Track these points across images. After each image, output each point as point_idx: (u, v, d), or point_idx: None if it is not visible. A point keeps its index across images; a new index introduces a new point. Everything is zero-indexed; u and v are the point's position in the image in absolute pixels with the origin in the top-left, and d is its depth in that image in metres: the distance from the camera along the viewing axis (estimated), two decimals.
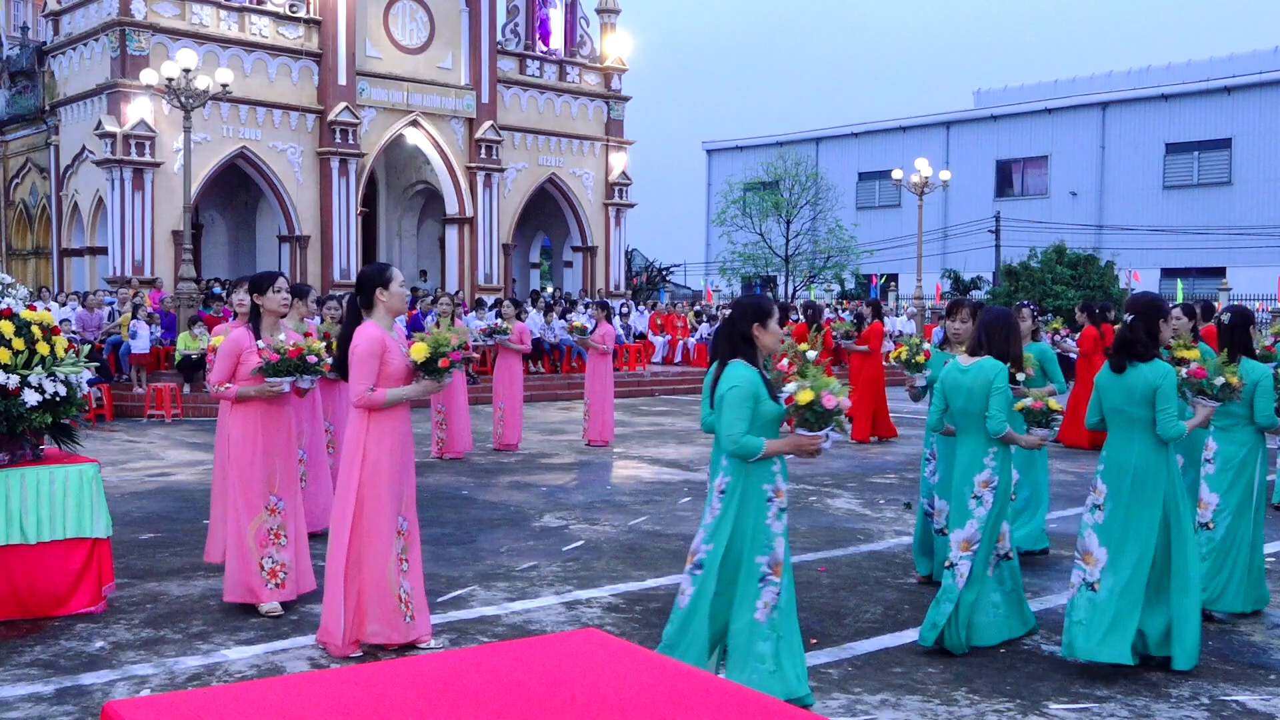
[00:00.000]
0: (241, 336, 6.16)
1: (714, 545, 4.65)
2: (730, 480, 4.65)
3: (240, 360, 6.12)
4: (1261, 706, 4.84)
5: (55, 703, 4.76)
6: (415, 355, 5.24)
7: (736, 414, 4.52)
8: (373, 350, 5.22)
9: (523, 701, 2.42)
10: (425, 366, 5.26)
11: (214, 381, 6.19)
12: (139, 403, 17.02)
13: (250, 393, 6.10)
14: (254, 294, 6.29)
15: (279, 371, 6.02)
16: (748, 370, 4.64)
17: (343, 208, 25.11)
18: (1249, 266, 38.76)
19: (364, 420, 5.29)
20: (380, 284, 5.36)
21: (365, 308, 5.42)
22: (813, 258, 43.29)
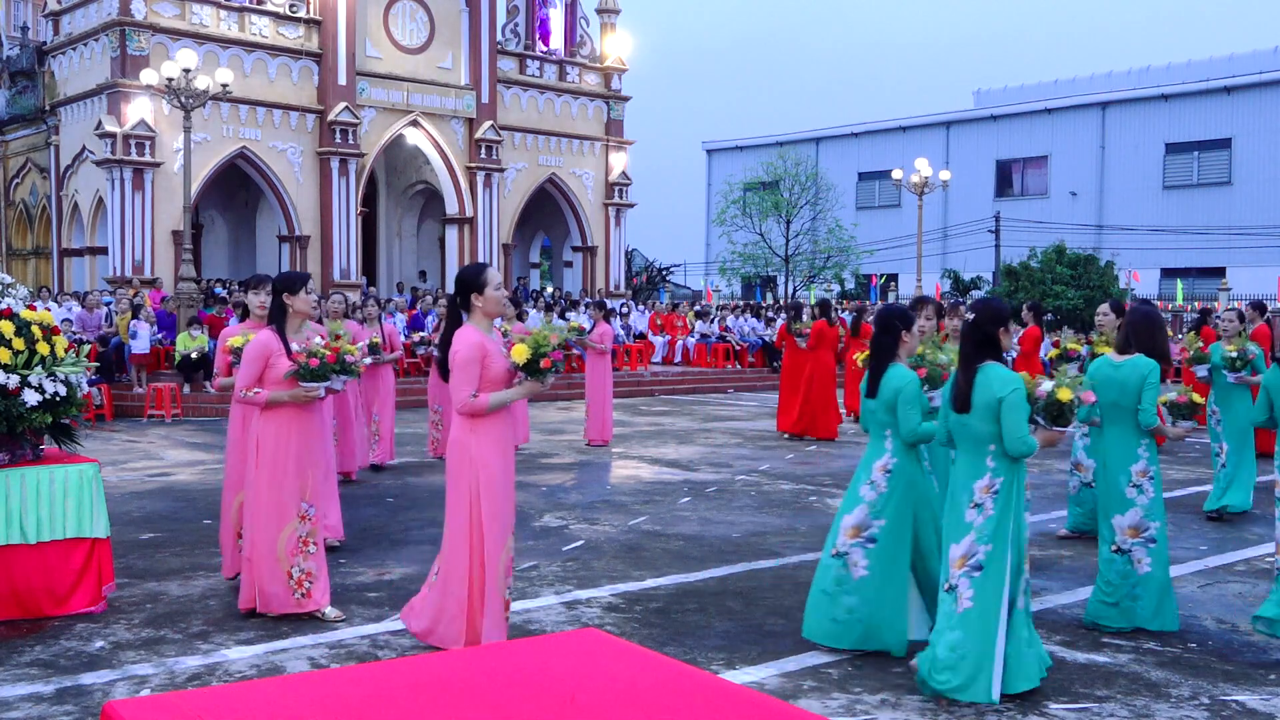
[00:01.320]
0: (269, 339, 5.92)
1: (994, 545, 4.87)
2: (1003, 480, 4.89)
3: (269, 364, 5.88)
4: (1261, 706, 4.84)
5: (55, 703, 4.76)
6: (516, 357, 5.14)
7: (1020, 417, 4.83)
8: (473, 355, 5.12)
9: (523, 701, 2.42)
10: (528, 368, 5.17)
11: (241, 386, 5.91)
12: (139, 403, 17.02)
13: (283, 398, 5.87)
14: (283, 294, 6.02)
15: (317, 376, 5.82)
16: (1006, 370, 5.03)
17: (343, 208, 25.11)
18: (1249, 266, 38.76)
19: (470, 426, 5.21)
20: (477, 288, 5.26)
21: (463, 310, 5.34)
22: (813, 258, 43.28)
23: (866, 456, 5.55)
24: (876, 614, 5.32)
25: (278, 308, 6.02)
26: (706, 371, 24.57)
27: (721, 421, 16.95)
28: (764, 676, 5.15)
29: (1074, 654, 5.53)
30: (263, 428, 5.93)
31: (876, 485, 5.39)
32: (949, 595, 4.92)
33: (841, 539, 5.42)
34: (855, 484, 5.52)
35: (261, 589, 5.88)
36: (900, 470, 5.39)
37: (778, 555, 7.71)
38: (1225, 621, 6.18)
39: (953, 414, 5.02)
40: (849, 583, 5.35)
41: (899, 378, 5.36)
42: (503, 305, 5.40)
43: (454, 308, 5.41)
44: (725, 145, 56.65)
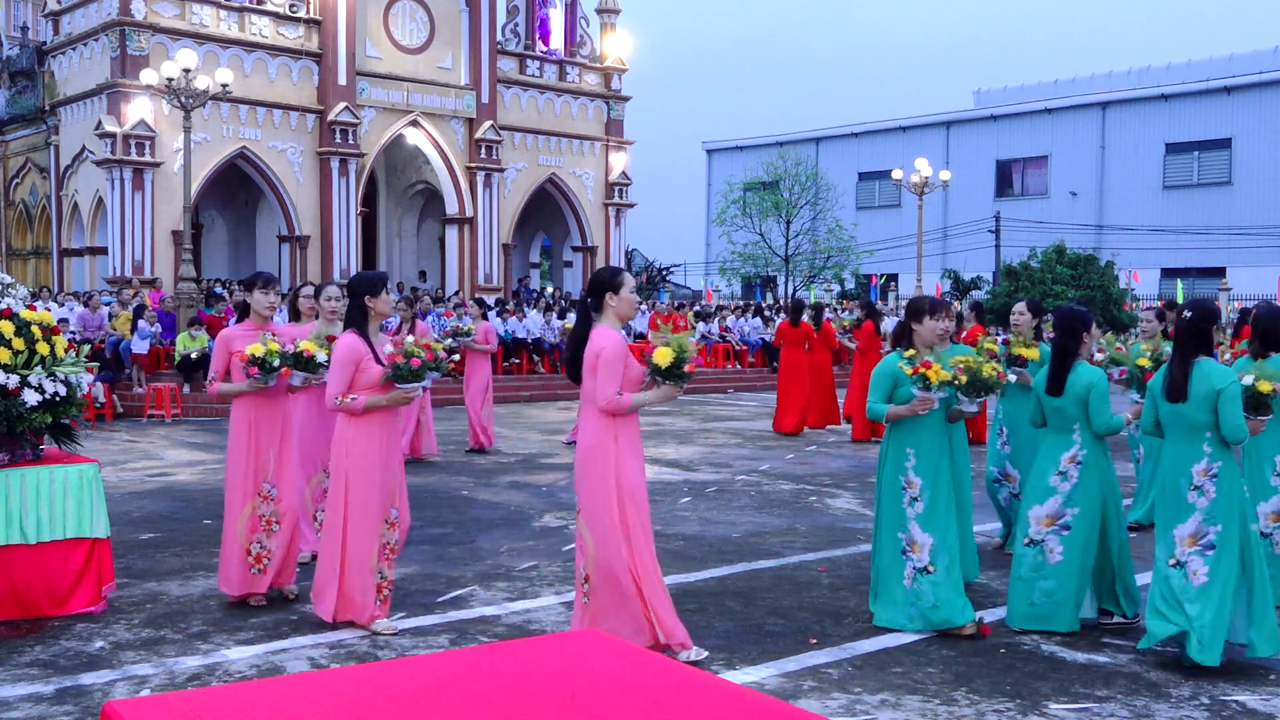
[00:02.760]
0: (357, 343, 5.66)
1: (1224, 525, 5.33)
2: (1221, 464, 5.36)
3: (360, 368, 5.64)
4: (1261, 706, 4.84)
5: (55, 703, 4.76)
6: (659, 360, 5.12)
7: (1238, 408, 5.31)
8: (620, 353, 5.14)
9: (523, 701, 2.42)
10: (669, 372, 5.15)
11: (335, 394, 5.61)
12: (139, 403, 17.02)
13: (381, 402, 5.66)
14: (365, 297, 5.78)
15: (416, 377, 5.62)
16: None
17: (343, 208, 25.12)
18: (1249, 266, 38.77)
19: (610, 426, 5.20)
20: (612, 288, 5.25)
21: (595, 310, 5.32)
22: (813, 258, 43.29)
23: (1048, 450, 5.91)
24: (1072, 596, 5.78)
25: (358, 310, 5.78)
26: (706, 371, 24.56)
27: (721, 421, 16.95)
28: (764, 676, 5.15)
29: (1074, 654, 5.52)
30: (353, 436, 5.67)
31: (1068, 476, 5.81)
32: (1178, 571, 5.34)
33: (1035, 528, 5.85)
34: (1042, 476, 5.88)
35: (351, 599, 5.69)
36: (1091, 461, 5.80)
37: (778, 555, 7.71)
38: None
39: (1165, 404, 5.45)
40: (1046, 568, 5.80)
41: (1088, 375, 5.78)
42: (635, 307, 5.43)
43: (585, 308, 5.39)
44: (725, 145, 56.67)
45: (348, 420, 5.71)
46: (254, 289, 6.44)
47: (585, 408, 5.33)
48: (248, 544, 6.07)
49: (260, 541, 6.12)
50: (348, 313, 5.87)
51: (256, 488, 6.15)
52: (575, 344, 5.34)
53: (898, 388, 5.86)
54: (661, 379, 5.18)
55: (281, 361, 6.05)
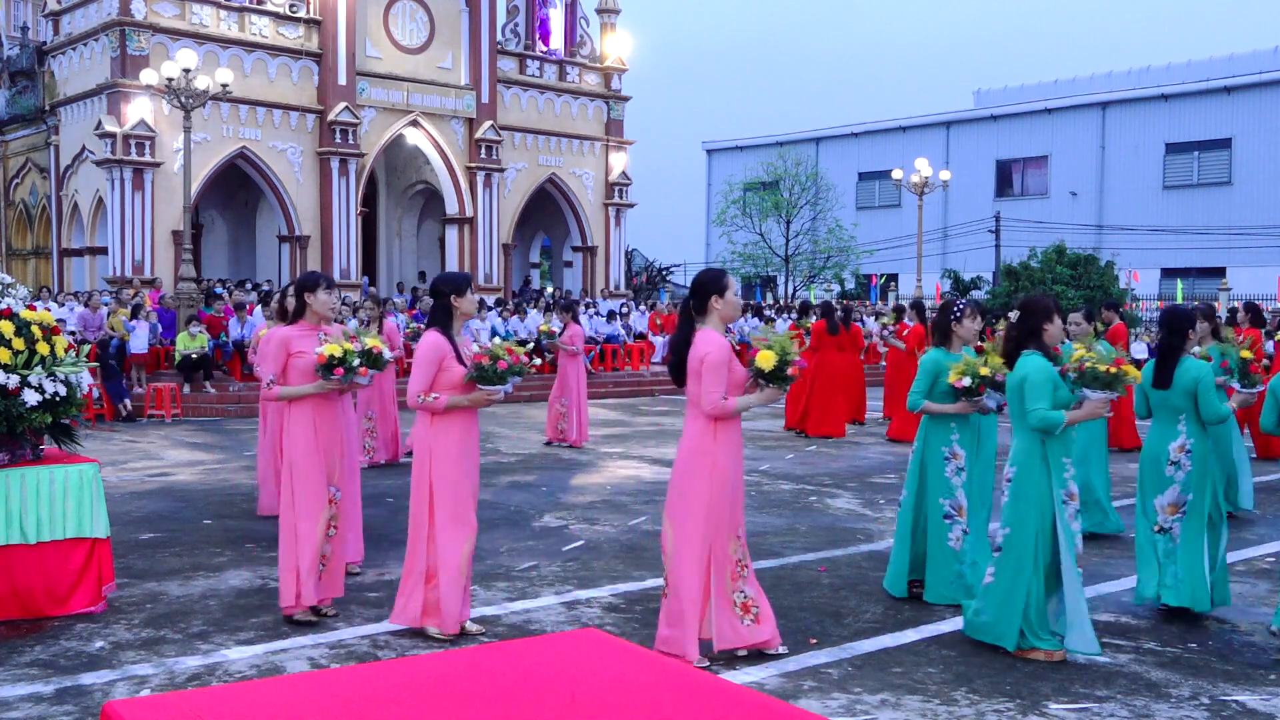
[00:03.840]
0: (441, 343, 5.59)
1: None
2: None
3: (443, 367, 5.56)
4: (1261, 706, 4.84)
5: (55, 703, 4.76)
6: (762, 363, 5.13)
7: None
8: (724, 357, 5.15)
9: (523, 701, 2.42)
10: (772, 375, 5.16)
11: (417, 392, 5.51)
12: (139, 403, 17.02)
13: (463, 402, 5.57)
14: (451, 296, 5.69)
15: (500, 379, 5.53)
16: None
17: (343, 208, 25.11)
18: (1249, 266, 38.76)
19: (711, 429, 5.20)
20: (716, 291, 5.26)
21: (698, 313, 5.32)
22: (813, 258, 43.29)
23: (1157, 441, 6.27)
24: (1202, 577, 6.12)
25: (443, 309, 5.70)
26: None
27: None
28: (764, 676, 5.15)
29: (1073, 654, 5.52)
30: (436, 438, 5.59)
31: (1181, 465, 6.22)
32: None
33: (1163, 517, 6.24)
34: (1158, 467, 6.25)
35: (438, 605, 5.59)
36: (1199, 449, 6.20)
37: (778, 555, 7.71)
38: (1225, 621, 6.18)
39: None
40: (1174, 553, 6.19)
41: (1195, 368, 6.16)
42: (739, 310, 5.41)
43: (687, 311, 5.38)
44: (725, 145, 56.64)
45: (429, 422, 5.60)
46: (317, 289, 6.12)
47: (689, 410, 5.34)
48: (464, 582, 5.69)
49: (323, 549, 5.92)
50: (432, 311, 5.80)
51: (328, 493, 5.97)
52: (679, 347, 5.35)
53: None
54: (765, 382, 5.20)
55: (361, 360, 5.90)
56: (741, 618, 5.29)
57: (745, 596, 5.31)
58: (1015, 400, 5.51)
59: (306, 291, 6.13)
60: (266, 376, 6.03)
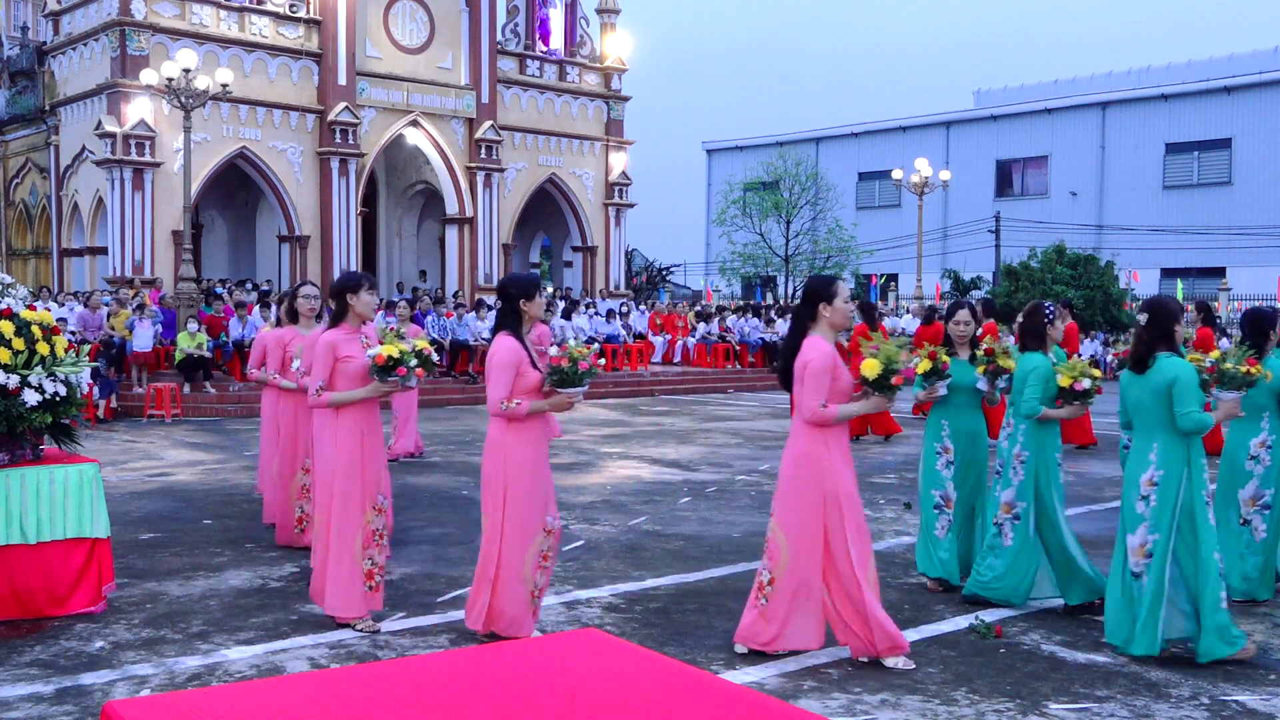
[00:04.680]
0: (516, 345, 5.41)
1: None
2: None
3: (520, 372, 5.38)
4: (1261, 706, 4.84)
5: (55, 703, 4.76)
6: (867, 371, 5.13)
7: None
8: (826, 365, 5.14)
9: (523, 701, 2.42)
10: (877, 383, 5.16)
11: (500, 398, 5.34)
12: (139, 403, 17.02)
13: (544, 407, 5.44)
14: (520, 300, 5.49)
15: (579, 380, 5.40)
16: None
17: (343, 208, 25.11)
18: (1249, 266, 38.77)
19: (820, 434, 5.20)
20: (825, 298, 5.25)
21: (809, 319, 5.30)
22: (813, 258, 43.30)
23: (1239, 438, 6.53)
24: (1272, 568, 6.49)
25: (512, 313, 5.51)
26: (706, 371, 24.56)
27: (721, 421, 16.95)
28: (764, 676, 5.15)
29: (1074, 654, 5.53)
30: (514, 444, 5.43)
31: (1261, 460, 6.49)
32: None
33: (1244, 509, 6.51)
34: (1238, 460, 6.52)
35: (501, 610, 5.47)
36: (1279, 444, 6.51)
37: None
38: None
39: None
40: (1255, 545, 6.48)
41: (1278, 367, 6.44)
42: (850, 317, 5.39)
43: (799, 317, 5.36)
44: (725, 145, 56.67)
45: (505, 427, 5.43)
46: (360, 290, 5.89)
47: (794, 416, 5.33)
48: (533, 586, 5.56)
49: (372, 558, 5.78)
50: (499, 315, 5.60)
51: (372, 500, 5.80)
52: (788, 353, 5.35)
53: None
54: (871, 389, 5.19)
55: (419, 362, 5.75)
56: None
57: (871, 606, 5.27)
58: (1159, 404, 5.40)
59: (349, 292, 5.91)
60: (316, 382, 5.78)
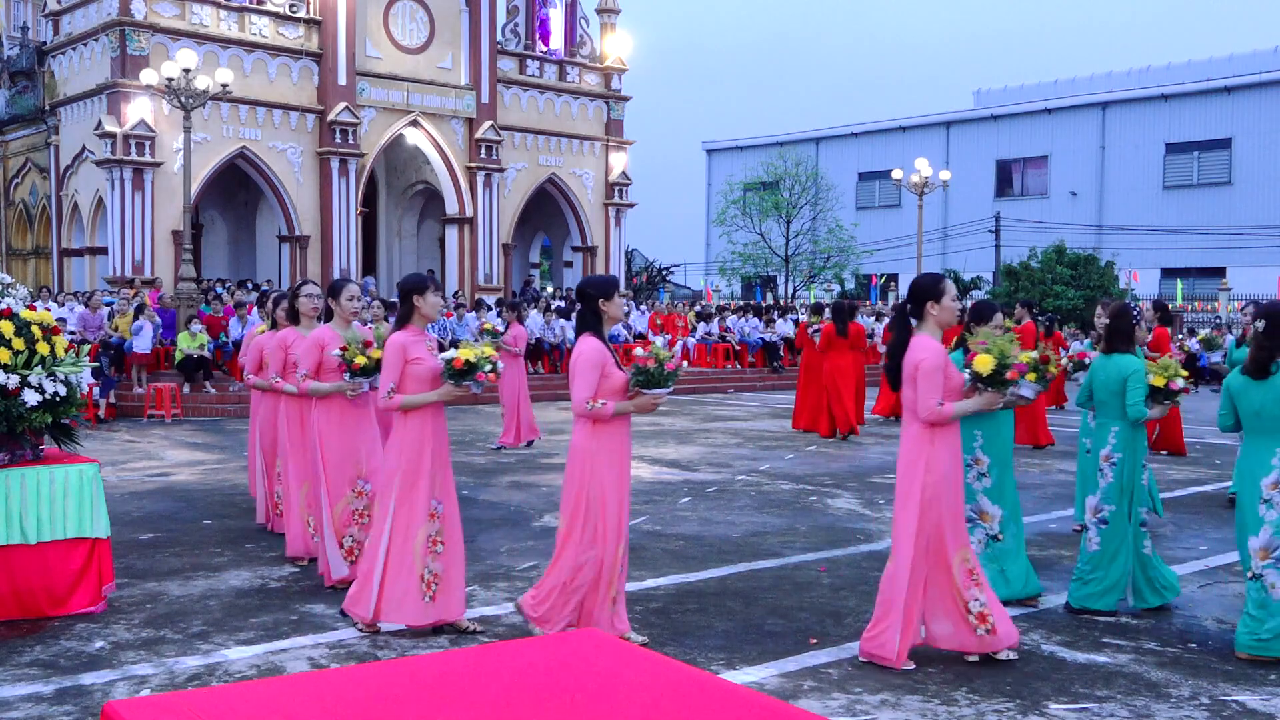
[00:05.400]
0: (599, 346, 5.38)
1: None
2: None
3: (605, 373, 5.37)
4: (1261, 706, 4.84)
5: (55, 703, 4.76)
6: (980, 367, 5.12)
7: None
8: (940, 363, 5.15)
9: (523, 701, 2.42)
10: (990, 379, 5.13)
11: (584, 399, 5.31)
12: (139, 403, 17.02)
13: (629, 408, 5.43)
14: (599, 300, 5.46)
15: (666, 381, 5.39)
16: None
17: (343, 208, 25.11)
18: (1249, 266, 38.77)
19: (929, 435, 5.20)
20: (933, 296, 5.26)
21: (915, 318, 5.30)
22: (813, 258, 43.29)
23: None
24: None
25: (592, 314, 5.48)
26: (706, 371, 24.56)
27: (721, 421, 16.95)
28: (764, 676, 5.15)
29: (1074, 654, 5.53)
30: (599, 447, 5.40)
31: None
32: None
33: None
34: None
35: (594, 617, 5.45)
36: None
37: (778, 555, 7.71)
38: (1225, 621, 6.17)
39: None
40: None
41: None
42: (956, 315, 5.37)
43: (903, 316, 5.36)
44: (725, 145, 56.67)
45: (591, 430, 5.40)
46: (426, 291, 5.80)
47: (905, 415, 5.32)
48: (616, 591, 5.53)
49: (429, 565, 5.68)
50: (579, 316, 5.57)
51: (430, 507, 5.73)
52: (895, 352, 5.33)
53: None
54: (983, 386, 5.17)
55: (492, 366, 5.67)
56: (976, 627, 5.24)
57: (981, 605, 5.24)
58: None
59: (415, 294, 5.79)
60: (386, 385, 5.67)
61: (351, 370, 6.32)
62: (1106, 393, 6.31)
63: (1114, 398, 6.25)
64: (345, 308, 6.67)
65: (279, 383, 7.58)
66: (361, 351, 6.32)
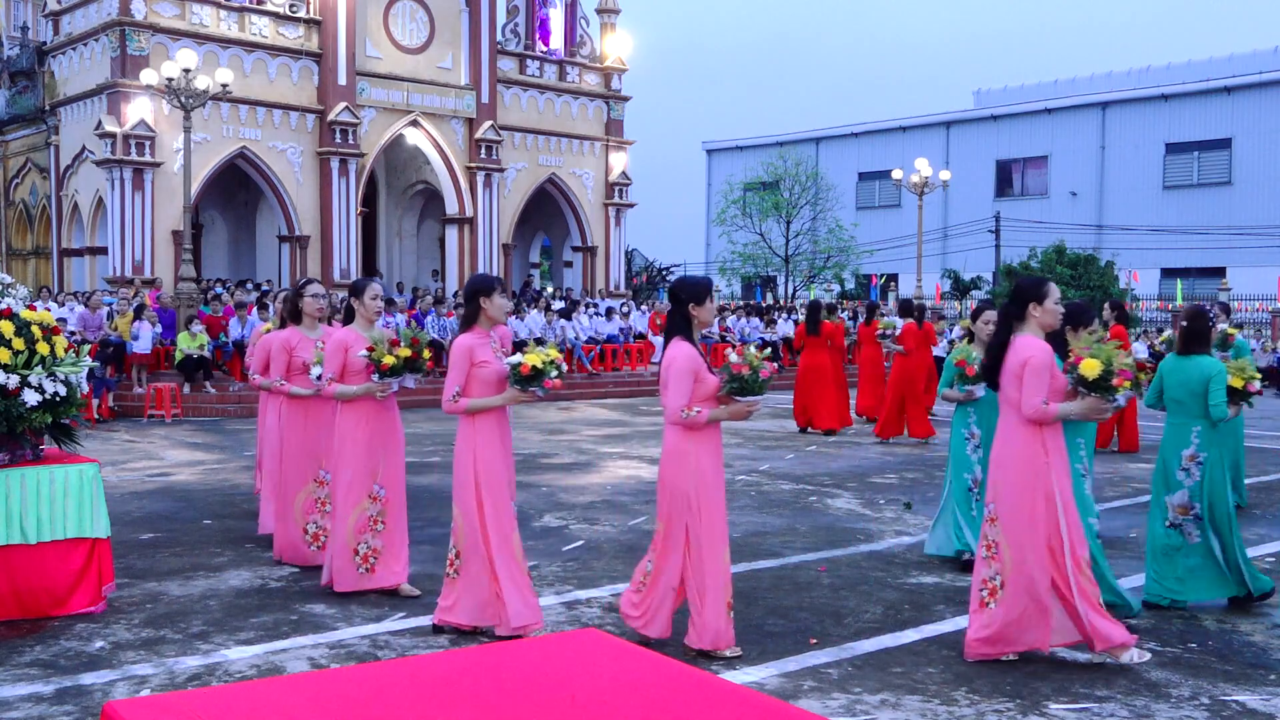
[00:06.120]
0: (693, 352, 5.33)
1: None
2: None
3: (698, 379, 5.30)
4: (1261, 706, 4.84)
5: (55, 703, 4.76)
6: (1086, 372, 5.12)
7: None
8: (1046, 364, 5.17)
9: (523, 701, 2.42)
10: (1097, 384, 5.13)
11: (678, 407, 5.25)
12: (139, 403, 17.02)
13: (723, 415, 5.34)
14: (689, 304, 5.42)
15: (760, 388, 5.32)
16: None
17: (343, 208, 25.10)
18: (1249, 266, 38.76)
19: (1038, 434, 5.22)
20: (1036, 298, 5.29)
21: (1017, 319, 5.33)
22: (813, 258, 43.30)
23: None
24: None
25: (682, 319, 5.45)
26: None
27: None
28: (764, 676, 5.15)
29: (1074, 654, 5.53)
30: (696, 452, 5.33)
31: None
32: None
33: None
34: None
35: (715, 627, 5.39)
36: None
37: (778, 555, 7.71)
38: (1225, 621, 6.18)
39: None
40: None
41: None
42: (1059, 318, 5.41)
43: (1007, 316, 5.38)
44: (725, 145, 56.66)
45: (686, 436, 5.33)
46: (493, 293, 5.79)
47: (1005, 415, 5.32)
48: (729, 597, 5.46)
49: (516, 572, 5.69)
50: (670, 320, 5.50)
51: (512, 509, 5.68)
52: (996, 351, 5.37)
53: None
54: (1086, 390, 5.17)
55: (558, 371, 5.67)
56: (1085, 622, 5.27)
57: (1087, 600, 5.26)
58: None
59: (482, 295, 5.75)
60: (453, 387, 5.63)
61: (380, 370, 6.24)
62: (1185, 393, 6.42)
63: (1193, 398, 6.37)
64: (369, 308, 6.61)
65: (283, 385, 7.35)
66: (389, 351, 6.24)
